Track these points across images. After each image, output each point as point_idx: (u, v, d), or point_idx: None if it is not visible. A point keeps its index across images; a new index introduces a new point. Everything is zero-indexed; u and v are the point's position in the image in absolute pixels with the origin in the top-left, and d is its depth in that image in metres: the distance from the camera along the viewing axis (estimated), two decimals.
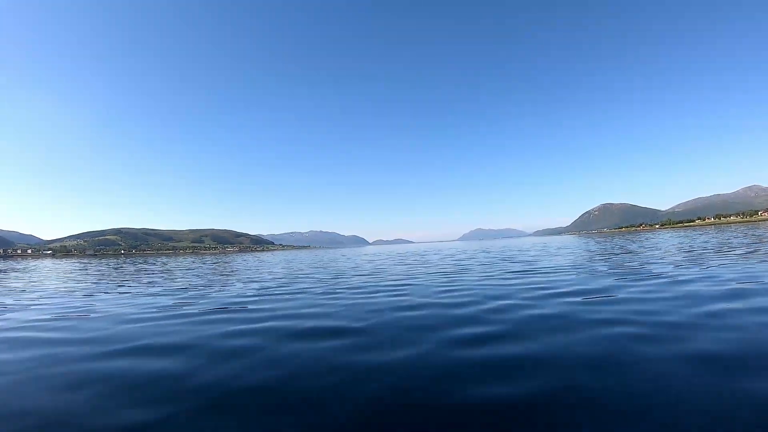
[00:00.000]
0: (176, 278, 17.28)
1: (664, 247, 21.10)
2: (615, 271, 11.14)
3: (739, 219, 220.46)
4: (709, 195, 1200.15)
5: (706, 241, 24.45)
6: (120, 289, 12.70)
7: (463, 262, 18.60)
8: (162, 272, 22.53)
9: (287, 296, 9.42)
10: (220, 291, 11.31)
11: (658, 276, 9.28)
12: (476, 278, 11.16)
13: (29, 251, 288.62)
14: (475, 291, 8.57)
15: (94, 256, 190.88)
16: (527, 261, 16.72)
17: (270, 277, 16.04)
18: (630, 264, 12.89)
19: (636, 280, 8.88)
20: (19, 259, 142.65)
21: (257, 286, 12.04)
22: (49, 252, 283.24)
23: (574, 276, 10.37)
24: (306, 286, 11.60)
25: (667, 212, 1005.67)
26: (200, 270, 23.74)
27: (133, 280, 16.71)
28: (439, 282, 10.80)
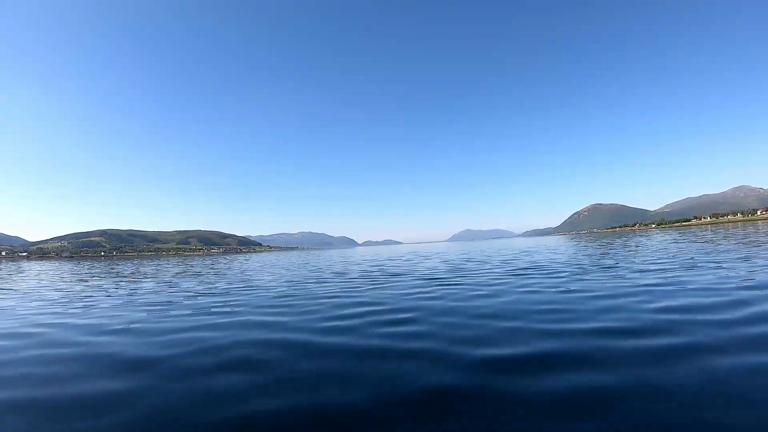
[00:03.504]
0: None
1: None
2: None
3: (738, 218, 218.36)
4: (698, 195, 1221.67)
5: None
6: None
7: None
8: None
9: None
10: None
11: None
12: None
13: (3, 253, 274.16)
14: None
15: (71, 258, 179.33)
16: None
17: None
18: None
19: None
20: None
21: None
22: (24, 254, 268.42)
23: None
24: None
25: (656, 212, 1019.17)
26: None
27: None
28: None
